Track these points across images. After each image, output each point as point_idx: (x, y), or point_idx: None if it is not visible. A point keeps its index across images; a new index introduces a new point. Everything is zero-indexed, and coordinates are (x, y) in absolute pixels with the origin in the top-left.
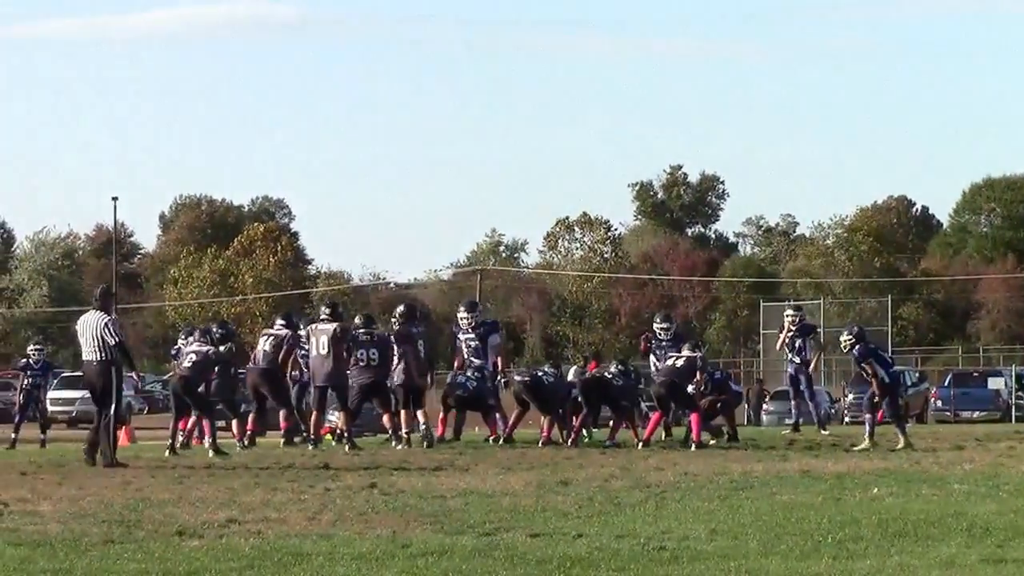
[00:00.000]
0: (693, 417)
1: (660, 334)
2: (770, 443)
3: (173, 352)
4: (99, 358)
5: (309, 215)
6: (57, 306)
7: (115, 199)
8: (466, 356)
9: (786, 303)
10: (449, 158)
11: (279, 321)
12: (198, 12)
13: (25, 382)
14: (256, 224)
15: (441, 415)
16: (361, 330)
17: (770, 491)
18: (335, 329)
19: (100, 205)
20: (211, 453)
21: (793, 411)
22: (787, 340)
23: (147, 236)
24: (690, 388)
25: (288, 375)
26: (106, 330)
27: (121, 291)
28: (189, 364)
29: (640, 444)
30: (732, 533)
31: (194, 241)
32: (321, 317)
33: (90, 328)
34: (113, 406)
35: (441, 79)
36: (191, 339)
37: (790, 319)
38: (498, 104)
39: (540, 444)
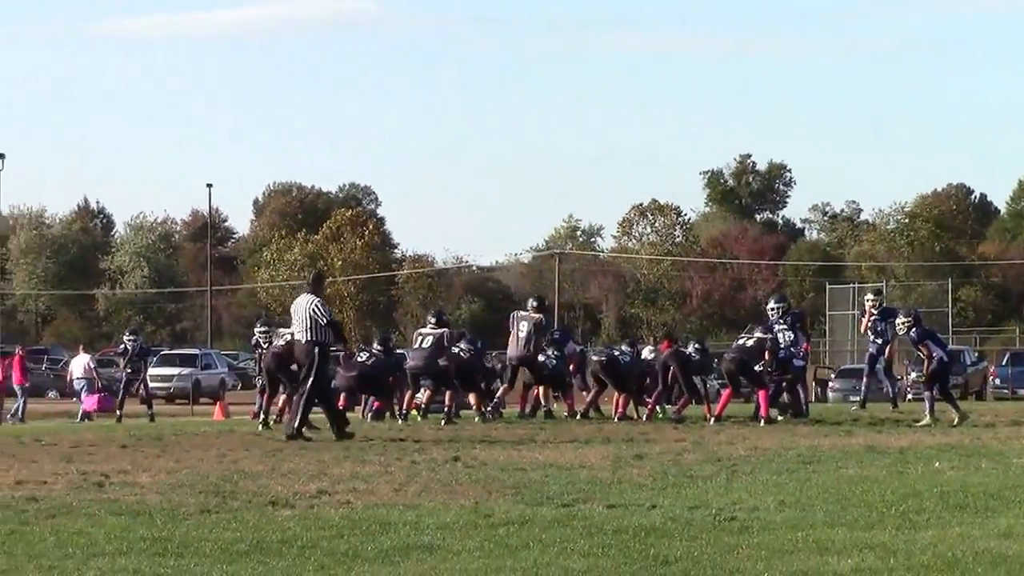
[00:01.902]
0: (761, 394)
1: (771, 315)
2: (836, 419)
3: (253, 343)
4: (307, 337)
5: (395, 201)
6: (156, 287)
7: (210, 186)
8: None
9: (851, 286)
10: (529, 146)
11: (431, 319)
12: (287, 8)
13: (125, 368)
14: (344, 209)
15: (522, 392)
16: (432, 322)
17: (836, 465)
18: (444, 334)
19: (196, 191)
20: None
21: (862, 389)
22: (869, 323)
23: (240, 221)
24: (757, 367)
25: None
26: (316, 310)
27: (216, 274)
28: (282, 343)
29: (712, 419)
30: (800, 504)
31: (285, 226)
32: (429, 322)
33: (301, 309)
34: (310, 383)
35: (522, 70)
36: (263, 327)
37: (871, 303)
38: (577, 94)
39: (616, 420)
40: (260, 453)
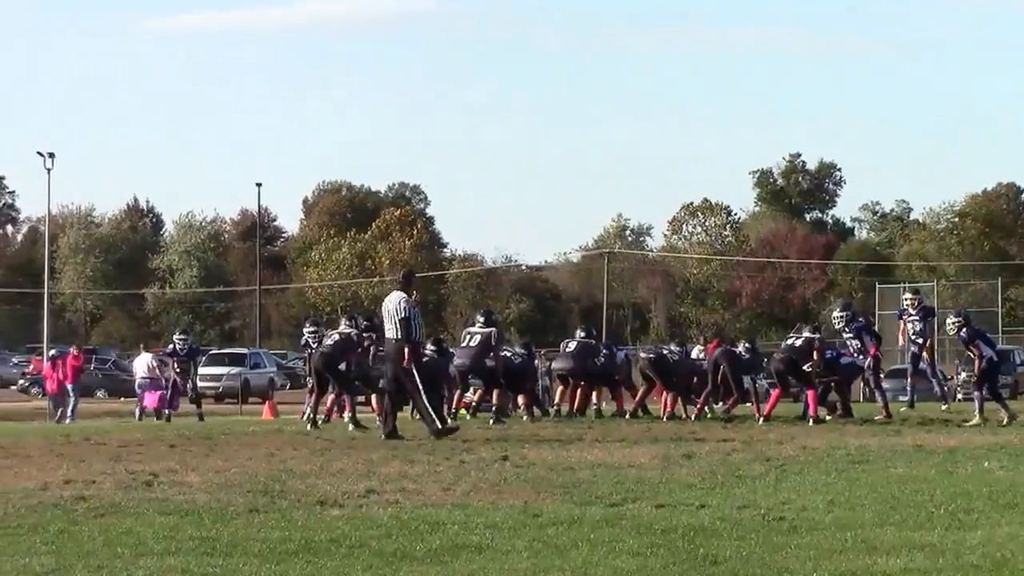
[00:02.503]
0: (810, 393)
1: (836, 323)
2: (885, 419)
3: (302, 343)
4: (396, 336)
5: (444, 200)
6: (205, 287)
7: (259, 185)
8: None
9: (901, 285)
10: (578, 145)
11: (480, 318)
12: (338, 6)
13: (175, 368)
14: (393, 209)
15: (571, 392)
16: (481, 321)
17: (885, 464)
18: (491, 333)
19: (245, 191)
20: (351, 427)
21: (908, 389)
22: (908, 324)
23: (290, 220)
24: (806, 367)
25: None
26: (399, 306)
27: (264, 273)
28: (331, 343)
29: (761, 419)
30: (849, 504)
31: (334, 225)
32: (477, 321)
33: (390, 308)
34: (416, 380)
35: (571, 70)
36: (312, 326)
37: (909, 302)
38: (625, 94)
39: (664, 419)
40: (309, 453)
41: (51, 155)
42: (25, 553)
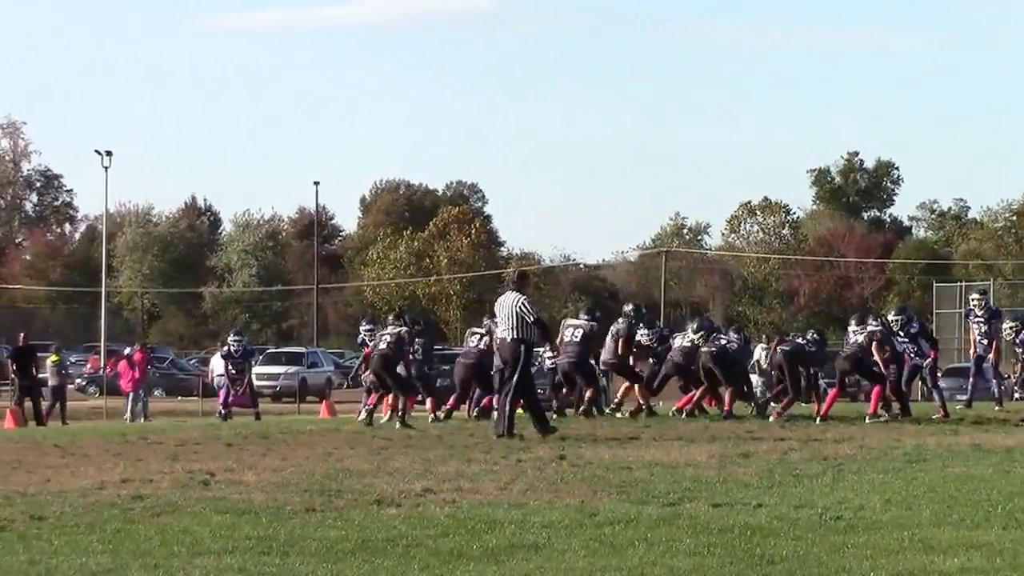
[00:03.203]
0: (875, 391)
1: (894, 325)
2: (942, 418)
3: (359, 341)
4: (513, 336)
5: (502, 199)
6: (263, 285)
7: (317, 184)
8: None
9: (959, 284)
10: (636, 144)
11: (584, 314)
12: (397, 4)
13: (230, 369)
14: (451, 207)
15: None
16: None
17: (942, 464)
18: (591, 327)
19: (303, 189)
20: (397, 425)
21: (968, 388)
22: (975, 325)
23: (347, 219)
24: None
25: None
26: (522, 308)
27: (322, 272)
28: (387, 343)
29: (818, 419)
30: (906, 503)
31: (391, 224)
32: (582, 317)
33: (508, 307)
34: (515, 380)
35: (629, 68)
36: (369, 325)
37: (976, 303)
38: (683, 92)
39: (723, 417)
40: (366, 452)
41: (109, 153)
42: (82, 552)
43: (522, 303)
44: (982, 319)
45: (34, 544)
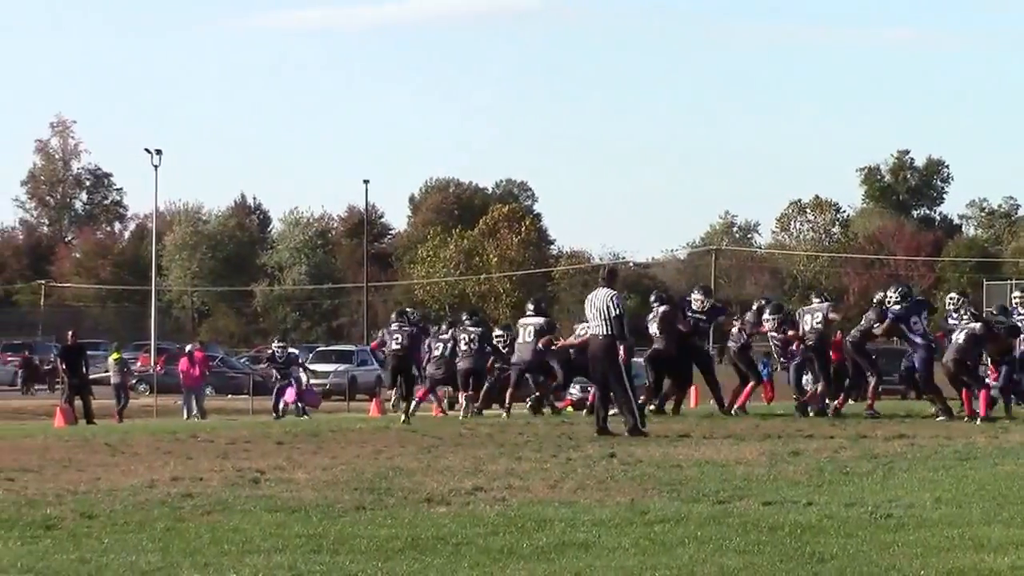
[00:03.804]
0: (981, 394)
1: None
2: (991, 416)
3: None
4: (604, 332)
5: (552, 197)
6: (313, 283)
7: (366, 182)
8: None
9: (1008, 282)
10: (686, 142)
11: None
12: (446, 2)
13: (274, 374)
14: (500, 206)
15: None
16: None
17: (993, 461)
18: (543, 323)
19: (352, 188)
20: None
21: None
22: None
23: (396, 217)
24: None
25: None
26: (610, 302)
27: (372, 270)
28: (401, 343)
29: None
30: (956, 501)
31: (441, 222)
32: (527, 312)
33: (599, 303)
34: (613, 376)
35: (678, 66)
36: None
37: (1019, 300)
38: (733, 91)
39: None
40: (415, 450)
41: (158, 152)
42: (132, 550)
43: (611, 298)
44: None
45: (84, 542)
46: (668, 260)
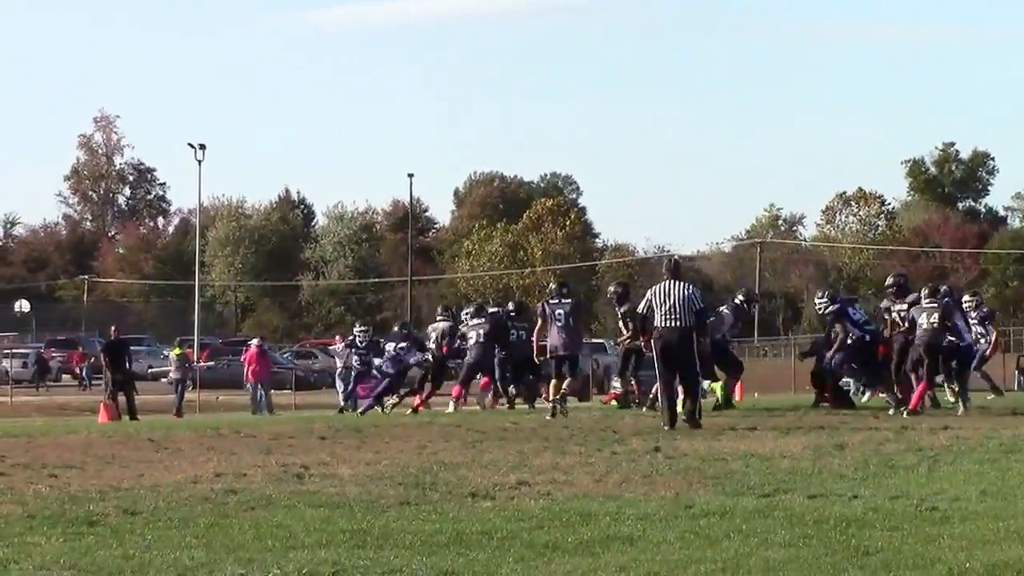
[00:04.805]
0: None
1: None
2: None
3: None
4: (686, 324)
5: (597, 190)
6: (358, 278)
7: (411, 176)
8: None
9: None
10: (732, 135)
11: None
12: None
13: (354, 360)
14: (545, 199)
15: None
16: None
17: None
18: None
19: (397, 181)
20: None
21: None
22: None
23: (441, 211)
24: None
25: None
26: (694, 296)
27: (416, 264)
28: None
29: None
30: (1002, 494)
31: (486, 216)
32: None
33: (674, 296)
34: (697, 369)
35: (722, 59)
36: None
37: (969, 303)
38: (780, 85)
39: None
40: (460, 444)
41: (202, 147)
42: (175, 547)
43: (695, 291)
44: (975, 320)
45: (128, 539)
46: (713, 253)
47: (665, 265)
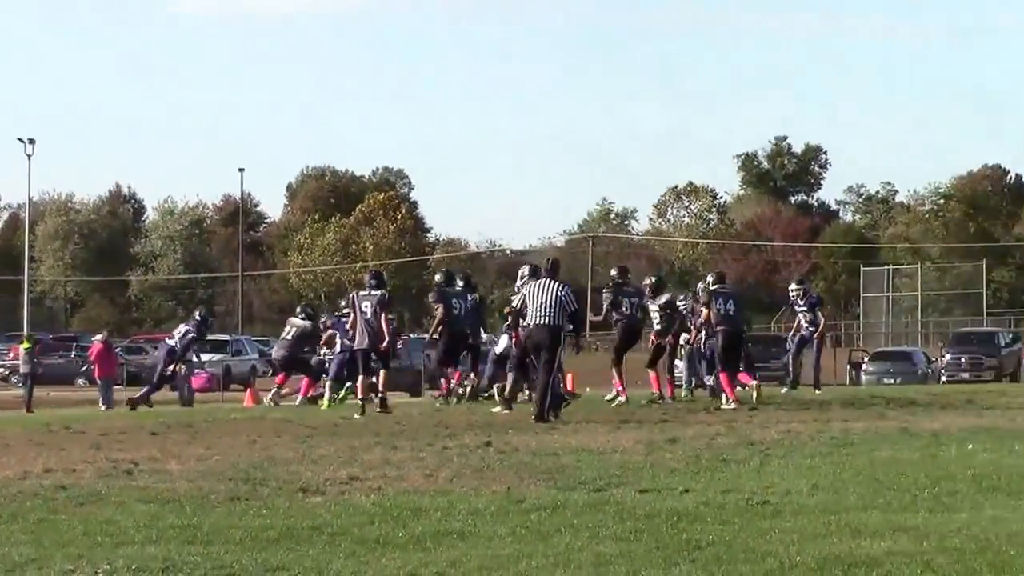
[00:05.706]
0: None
1: (791, 295)
2: (869, 402)
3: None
4: (555, 322)
5: (428, 185)
6: (188, 273)
7: (242, 170)
8: None
9: (886, 267)
10: (562, 129)
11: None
12: None
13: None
14: (377, 193)
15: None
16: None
17: (869, 448)
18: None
19: (228, 176)
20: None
21: (790, 370)
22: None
23: (273, 206)
24: None
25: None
26: (567, 298)
27: (248, 259)
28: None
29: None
30: (833, 488)
31: (318, 210)
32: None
33: (548, 294)
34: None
35: (555, 52)
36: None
37: (795, 292)
38: (610, 77)
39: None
40: (291, 439)
41: (32, 141)
42: (4, 542)
43: (568, 292)
44: (805, 308)
45: None
46: (545, 247)
47: (544, 265)
